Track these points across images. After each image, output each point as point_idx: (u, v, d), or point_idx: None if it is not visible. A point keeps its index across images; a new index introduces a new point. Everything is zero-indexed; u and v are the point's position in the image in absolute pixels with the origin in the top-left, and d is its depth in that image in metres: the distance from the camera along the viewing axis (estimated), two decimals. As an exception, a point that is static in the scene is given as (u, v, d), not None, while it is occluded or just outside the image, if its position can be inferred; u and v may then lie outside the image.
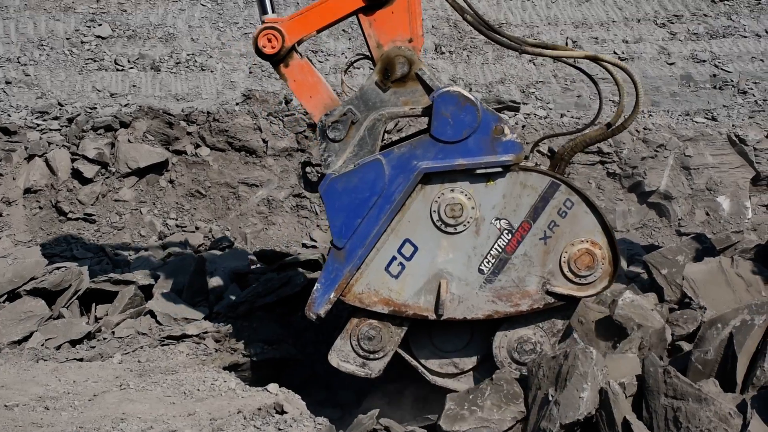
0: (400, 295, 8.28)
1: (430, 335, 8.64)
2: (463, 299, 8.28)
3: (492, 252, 8.21)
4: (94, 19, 18.61)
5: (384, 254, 8.26)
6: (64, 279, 11.68)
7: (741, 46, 19.32)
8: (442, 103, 8.01)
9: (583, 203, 8.14)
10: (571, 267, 8.18)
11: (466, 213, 8.13)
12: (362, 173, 8.19)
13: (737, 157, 16.27)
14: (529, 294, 8.26)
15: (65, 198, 14.79)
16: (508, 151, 8.04)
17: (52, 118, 15.94)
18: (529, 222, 8.15)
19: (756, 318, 8.14)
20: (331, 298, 8.26)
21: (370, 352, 8.47)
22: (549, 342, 8.43)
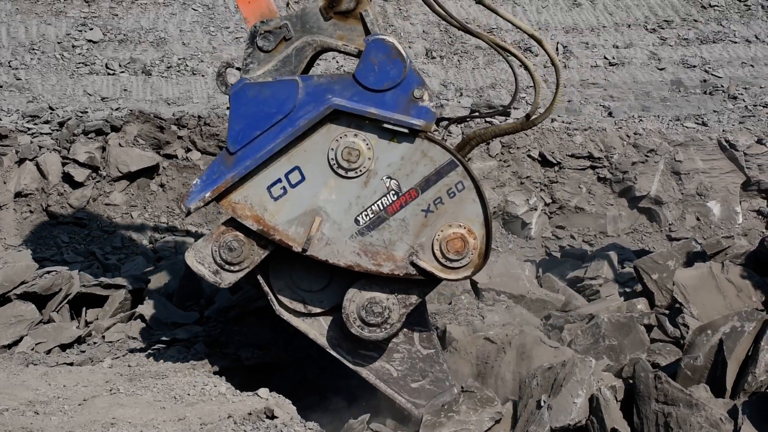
0: (273, 217, 8.20)
1: (290, 268, 8.58)
2: (331, 242, 8.20)
3: (373, 207, 8.15)
4: (86, 24, 18.60)
5: (270, 173, 8.16)
6: (54, 283, 11.66)
7: (731, 51, 19.40)
8: (374, 49, 7.99)
9: (473, 191, 8.10)
10: (442, 247, 8.13)
11: (361, 161, 8.06)
12: (276, 89, 8.12)
13: (728, 162, 16.32)
14: (395, 259, 8.19)
15: (56, 202, 14.76)
16: (421, 116, 7.99)
17: (43, 122, 15.91)
18: (418, 191, 8.10)
19: (746, 324, 8.19)
20: (206, 197, 8.20)
21: (226, 262, 8.37)
22: (398, 312, 8.34)
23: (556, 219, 15.93)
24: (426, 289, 8.49)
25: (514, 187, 15.77)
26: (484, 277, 12.26)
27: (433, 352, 8.77)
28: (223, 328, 10.72)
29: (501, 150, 15.79)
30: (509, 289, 12.05)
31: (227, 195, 8.20)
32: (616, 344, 10.03)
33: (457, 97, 17.33)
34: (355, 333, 8.32)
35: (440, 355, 8.82)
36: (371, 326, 8.29)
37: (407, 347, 8.73)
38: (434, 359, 8.76)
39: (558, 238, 15.70)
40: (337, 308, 8.49)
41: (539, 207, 15.82)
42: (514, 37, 19.31)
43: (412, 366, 8.72)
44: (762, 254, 11.27)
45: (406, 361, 8.71)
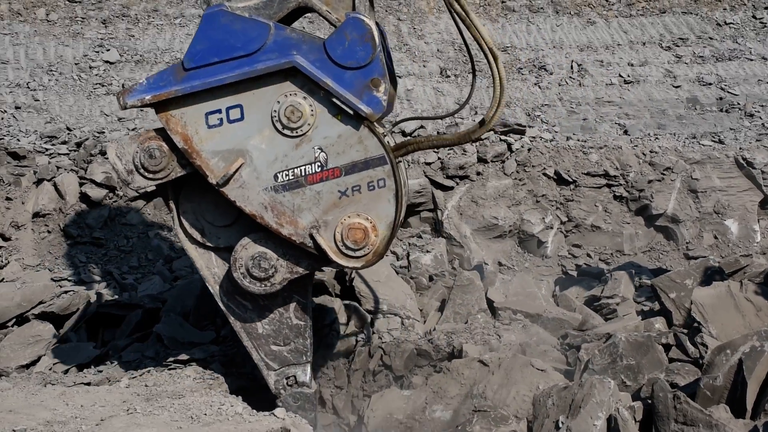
0: (201, 143, 8.26)
1: (201, 197, 8.67)
2: (245, 187, 8.28)
3: (296, 170, 8.23)
4: (103, 45, 18.73)
5: (214, 103, 8.23)
6: (71, 303, 11.72)
7: (747, 69, 19.35)
8: (351, 26, 8.08)
9: (392, 192, 8.20)
10: (343, 232, 8.24)
11: (301, 123, 8.15)
12: (248, 26, 8.18)
13: (745, 180, 16.25)
14: (297, 225, 8.28)
15: (73, 222, 14.82)
16: (370, 105, 8.07)
17: (60, 142, 16.01)
18: (342, 171, 8.20)
19: (765, 344, 8.12)
20: (147, 99, 8.29)
21: (143, 167, 8.46)
22: (282, 275, 8.45)
23: (572, 237, 15.88)
24: (316, 265, 8.59)
25: (529, 205, 15.75)
26: (501, 296, 12.25)
27: (302, 324, 8.89)
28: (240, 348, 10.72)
29: (516, 168, 15.79)
30: (526, 308, 12.03)
31: (166, 106, 8.28)
32: (634, 364, 9.98)
33: (472, 115, 17.34)
34: (236, 278, 8.42)
35: (308, 330, 8.92)
36: (253, 278, 8.39)
37: (280, 311, 8.86)
38: (301, 331, 8.88)
39: (574, 256, 15.65)
40: (230, 249, 8.57)
41: (555, 225, 15.79)
42: (528, 55, 19.34)
43: (278, 330, 8.86)
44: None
45: (274, 323, 8.85)
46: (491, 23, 19.93)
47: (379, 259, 8.38)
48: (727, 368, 8.21)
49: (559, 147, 16.42)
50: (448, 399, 9.44)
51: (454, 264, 14.85)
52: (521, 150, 16.02)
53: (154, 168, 8.43)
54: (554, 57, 19.40)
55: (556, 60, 19.23)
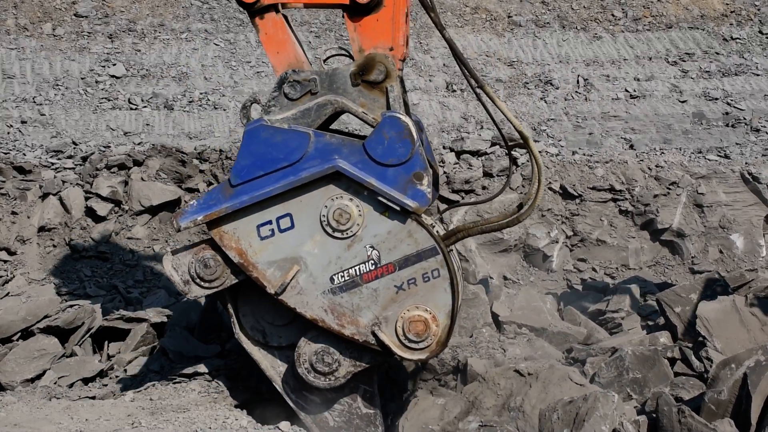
0: (255, 255, 8.46)
1: (259, 298, 8.81)
2: (303, 293, 8.46)
3: (350, 270, 8.40)
4: (109, 59, 18.79)
5: (263, 214, 8.42)
6: (77, 317, 11.73)
7: (753, 84, 19.34)
8: (388, 125, 8.26)
9: (447, 281, 8.33)
10: (404, 326, 8.36)
11: (350, 225, 8.32)
12: (289, 136, 8.35)
13: (750, 194, 16.23)
14: (358, 324, 8.44)
15: (79, 236, 14.85)
16: (415, 199, 8.24)
17: (66, 156, 16.05)
18: (395, 267, 8.36)
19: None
20: (198, 219, 8.48)
21: (199, 276, 8.67)
22: (346, 368, 8.62)
23: (577, 252, 15.86)
24: (379, 358, 8.72)
25: (535, 219, 15.74)
26: (506, 310, 12.23)
27: (372, 413, 9.02)
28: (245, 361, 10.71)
29: (522, 183, 15.79)
30: (531, 321, 12.00)
31: (218, 223, 8.48)
32: (640, 377, 9.95)
33: (478, 129, 17.36)
34: (300, 373, 8.61)
35: (378, 417, 9.06)
36: (317, 373, 8.59)
37: (349, 402, 8.99)
38: (372, 419, 9.01)
39: (579, 270, 15.62)
40: (292, 346, 8.76)
41: (560, 240, 15.77)
42: (534, 69, 19.36)
43: (349, 420, 8.98)
44: (786, 287, 11.18)
45: (345, 414, 8.97)
46: (497, 38, 19.97)
47: (443, 349, 8.49)
48: (732, 382, 8.19)
49: (565, 161, 16.41)
50: (484, 410, 9.42)
51: (459, 278, 14.81)
52: (527, 164, 16.02)
53: (209, 277, 8.68)
54: (560, 72, 19.42)
55: (562, 75, 19.25)
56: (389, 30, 8.53)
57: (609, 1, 20.90)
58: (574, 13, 20.77)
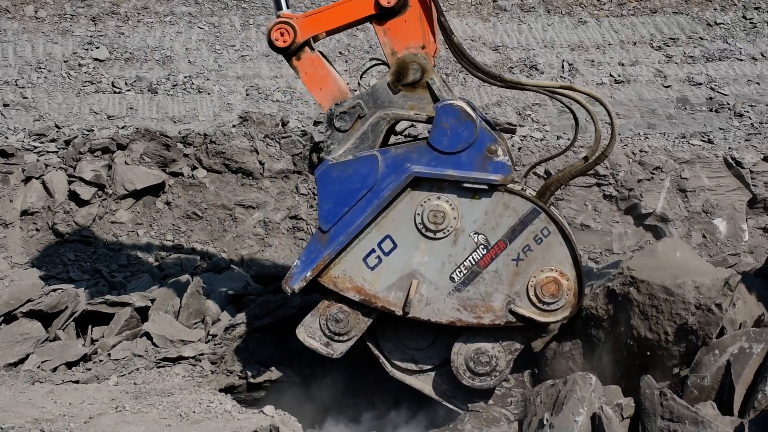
0: (372, 286, 8.64)
1: (396, 330, 9.02)
2: (431, 302, 8.61)
3: (465, 263, 8.54)
4: (92, 42, 18.67)
5: (364, 245, 8.62)
6: (60, 301, 11.68)
7: (737, 69, 19.39)
8: (444, 114, 8.38)
9: (559, 234, 8.46)
10: (537, 292, 8.49)
11: (447, 221, 8.46)
12: (357, 165, 8.55)
13: (734, 179, 16.29)
14: (493, 309, 8.57)
15: (62, 220, 14.77)
16: (497, 171, 8.37)
17: (49, 140, 15.95)
18: (506, 242, 8.49)
19: (754, 346, 8.08)
20: (307, 276, 8.64)
21: (335, 333, 8.85)
22: (505, 359, 8.76)
23: (562, 236, 15.88)
24: (528, 334, 8.86)
25: (519, 204, 15.74)
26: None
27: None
28: (229, 346, 10.71)
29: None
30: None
31: (327, 271, 8.67)
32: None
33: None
34: (467, 384, 8.75)
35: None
36: (481, 375, 8.73)
37: (519, 390, 9.14)
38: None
39: (564, 255, 15.64)
40: (446, 362, 8.90)
41: (545, 224, 15.78)
42: (519, 54, 19.35)
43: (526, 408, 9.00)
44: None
45: (520, 404, 9.01)
46: (482, 22, 19.95)
47: (581, 299, 8.57)
48: (715, 369, 8.18)
49: (550, 146, 16.43)
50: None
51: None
52: (512, 149, 16.01)
53: (344, 330, 8.86)
54: (545, 56, 19.41)
55: (547, 59, 19.24)
56: (418, 29, 8.69)
57: (594, -14, 20.90)
58: (559, -3, 20.76)
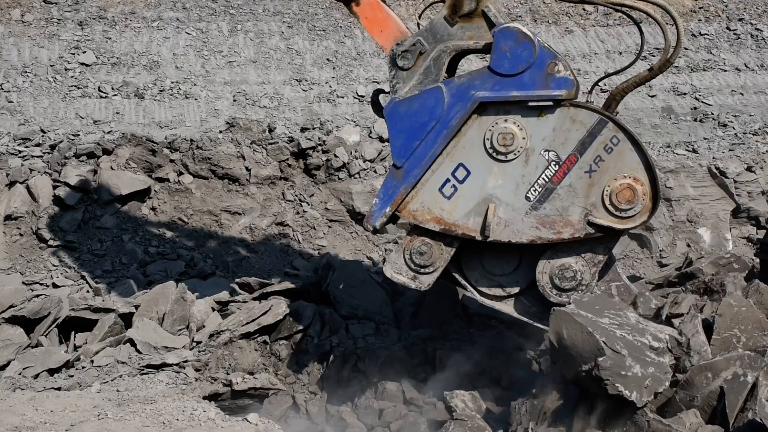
0: (451, 214, 8.88)
1: (481, 258, 9.23)
2: (509, 223, 8.83)
3: (539, 181, 8.73)
4: (79, 47, 18.62)
5: (439, 176, 8.86)
6: (43, 307, 11.61)
7: (721, 79, 19.50)
8: (502, 38, 8.58)
9: (628, 141, 8.61)
10: (613, 200, 8.65)
11: (517, 143, 8.67)
12: (423, 99, 8.80)
13: (718, 189, 16.37)
14: (572, 223, 8.75)
15: (46, 225, 14.70)
16: (561, 87, 8.60)
17: (34, 144, 15.87)
18: (576, 155, 8.66)
19: (749, 373, 7.87)
20: (387, 212, 8.94)
21: (421, 266, 9.07)
22: (590, 271, 8.93)
23: (547, 245, 15.91)
24: (610, 244, 9.00)
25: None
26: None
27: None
28: (213, 353, 10.68)
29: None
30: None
31: (405, 205, 8.94)
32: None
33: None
34: (555, 301, 8.81)
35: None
36: (567, 291, 8.88)
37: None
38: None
39: (549, 263, 15.67)
40: (532, 284, 9.08)
41: (530, 233, 15.81)
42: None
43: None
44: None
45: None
46: None
47: (658, 202, 8.70)
48: (707, 392, 7.95)
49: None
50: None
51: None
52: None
53: (429, 261, 9.06)
54: (531, 65, 19.46)
55: (532, 68, 19.28)
56: None
57: (581, -5, 20.99)
58: (546, 7, 20.83)
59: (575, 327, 7.85)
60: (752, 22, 20.90)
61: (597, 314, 8.03)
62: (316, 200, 15.47)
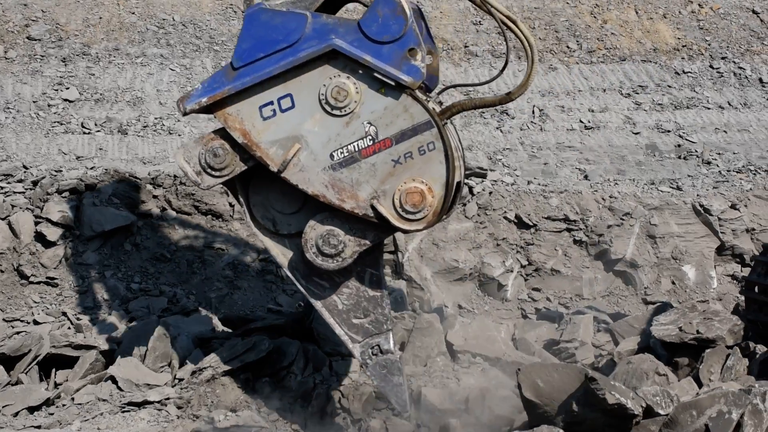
0: (259, 135, 8.90)
1: (268, 188, 9.27)
2: (305, 170, 8.86)
3: (349, 147, 8.79)
4: (62, 83, 18.59)
5: (265, 95, 8.84)
6: (23, 344, 11.51)
7: (705, 117, 19.62)
8: (382, 3, 8.65)
9: (443, 153, 8.68)
10: (402, 198, 8.74)
11: (348, 102, 8.70)
12: (287, 19, 8.79)
13: (702, 226, 16.42)
14: (357, 198, 8.83)
15: (27, 261, 14.58)
16: (410, 74, 8.61)
17: (16, 180, 15.78)
18: (392, 141, 8.73)
19: (734, 411, 7.85)
20: (203, 102, 8.95)
21: (210, 166, 9.08)
22: (352, 249, 8.99)
23: (532, 281, 15.90)
24: (381, 234, 9.13)
25: (490, 248, 15.75)
26: (460, 339, 12.20)
27: (379, 295, 9.41)
28: (196, 390, 10.57)
29: (477, 212, 15.81)
30: (485, 351, 11.99)
31: (222, 105, 8.92)
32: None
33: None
34: (309, 258, 8.97)
35: (385, 299, 9.42)
36: (324, 256, 8.96)
37: (356, 285, 9.39)
38: (378, 302, 9.39)
39: (534, 300, 15.65)
40: (301, 234, 9.11)
41: (515, 269, 15.80)
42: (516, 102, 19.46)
43: (357, 303, 9.37)
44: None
45: (352, 297, 9.36)
46: (454, 67, 20.07)
47: (439, 220, 8.88)
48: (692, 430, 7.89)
49: (520, 191, 16.49)
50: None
51: (414, 306, 14.79)
52: (482, 193, 16.06)
53: (220, 166, 9.06)
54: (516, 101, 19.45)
55: (517, 105, 19.36)
56: None
57: (564, 33, 21.12)
58: (530, 44, 20.94)
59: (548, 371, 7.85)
60: (735, 60, 21.08)
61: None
62: (300, 236, 15.42)
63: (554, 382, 7.78)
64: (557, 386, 7.86)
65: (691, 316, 11.21)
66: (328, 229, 8.94)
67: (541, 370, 7.80)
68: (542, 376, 7.83)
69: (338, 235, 8.94)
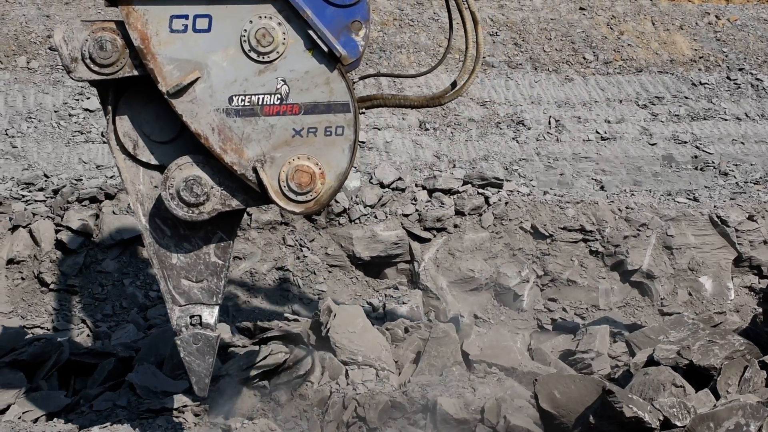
0: (159, 45, 7.66)
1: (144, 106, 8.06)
2: (196, 103, 7.75)
3: (253, 98, 7.79)
4: (83, 93, 18.77)
5: (182, 7, 7.70)
6: (44, 351, 11.60)
7: (721, 128, 19.61)
8: None
9: (349, 143, 7.85)
10: (289, 173, 7.81)
11: (269, 49, 7.74)
12: None
13: (719, 237, 16.39)
14: (241, 154, 7.80)
15: (48, 269, 14.73)
16: (345, 47, 7.71)
17: (37, 189, 15.96)
18: (301, 109, 7.81)
19: (752, 424, 7.74)
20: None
21: (91, 57, 7.77)
22: (213, 205, 7.89)
23: (548, 291, 15.92)
24: (251, 202, 8.08)
25: (506, 258, 15.79)
26: (476, 349, 12.22)
27: (221, 264, 8.31)
28: (213, 398, 10.63)
29: (493, 222, 15.86)
30: (501, 361, 11.98)
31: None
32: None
33: (450, 168, 17.44)
34: (164, 197, 7.84)
35: (225, 271, 8.36)
36: (182, 201, 7.85)
37: (200, 245, 8.27)
38: (217, 271, 8.30)
39: (550, 310, 15.67)
40: (161, 168, 8.03)
41: (531, 279, 15.82)
42: (506, 110, 19.51)
43: (193, 264, 8.28)
44: (754, 331, 11.23)
45: (191, 256, 8.26)
46: (470, 78, 20.12)
47: (320, 210, 8.08)
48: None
49: (536, 201, 16.52)
50: None
51: (430, 316, 14.84)
52: (498, 203, 16.10)
53: (102, 61, 7.78)
54: (532, 112, 19.59)
55: (534, 115, 19.42)
56: None
57: (580, 45, 21.17)
58: (546, 55, 21.02)
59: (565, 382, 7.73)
60: (752, 72, 21.08)
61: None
62: (316, 245, 15.50)
63: (571, 394, 7.69)
64: (574, 397, 7.78)
65: (701, 335, 11.13)
66: (196, 175, 7.83)
67: (559, 381, 7.68)
68: (559, 387, 7.70)
69: (204, 185, 7.83)
